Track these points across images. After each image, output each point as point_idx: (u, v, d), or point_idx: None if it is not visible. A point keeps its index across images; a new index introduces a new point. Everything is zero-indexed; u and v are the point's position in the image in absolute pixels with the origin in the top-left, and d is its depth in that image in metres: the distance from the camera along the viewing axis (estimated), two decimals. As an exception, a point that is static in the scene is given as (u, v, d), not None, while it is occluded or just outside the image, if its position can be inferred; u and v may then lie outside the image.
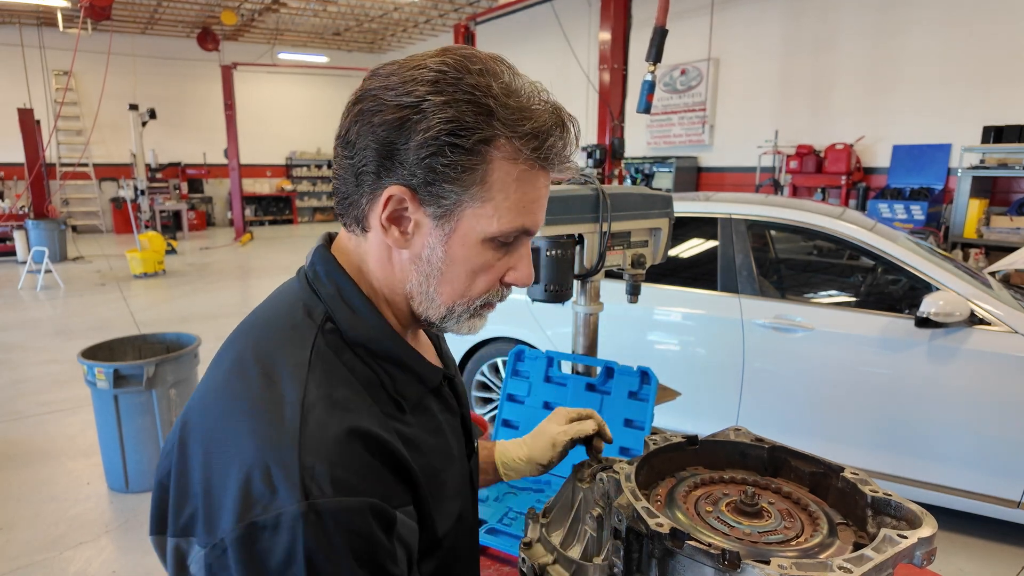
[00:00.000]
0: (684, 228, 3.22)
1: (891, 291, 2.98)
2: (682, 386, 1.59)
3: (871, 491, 0.72)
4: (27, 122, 9.92)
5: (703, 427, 2.82)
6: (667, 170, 8.73)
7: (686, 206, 3.20)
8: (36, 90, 11.96)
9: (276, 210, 15.28)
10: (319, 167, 15.71)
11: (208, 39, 12.71)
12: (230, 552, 0.54)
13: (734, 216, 3.08)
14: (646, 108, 4.82)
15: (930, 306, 2.49)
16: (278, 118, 15.10)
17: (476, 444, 0.87)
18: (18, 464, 3.38)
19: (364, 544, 0.56)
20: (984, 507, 2.59)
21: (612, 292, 1.71)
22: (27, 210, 10.12)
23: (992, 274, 3.63)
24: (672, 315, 3.15)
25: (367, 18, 12.40)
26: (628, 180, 8.50)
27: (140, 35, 13.26)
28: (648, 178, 8.84)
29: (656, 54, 4.46)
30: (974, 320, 2.53)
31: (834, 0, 7.33)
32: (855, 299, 3.14)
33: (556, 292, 1.30)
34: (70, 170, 12.43)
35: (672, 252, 3.25)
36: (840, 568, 0.59)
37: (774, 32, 7.96)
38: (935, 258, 2.83)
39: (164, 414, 3.01)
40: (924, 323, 2.53)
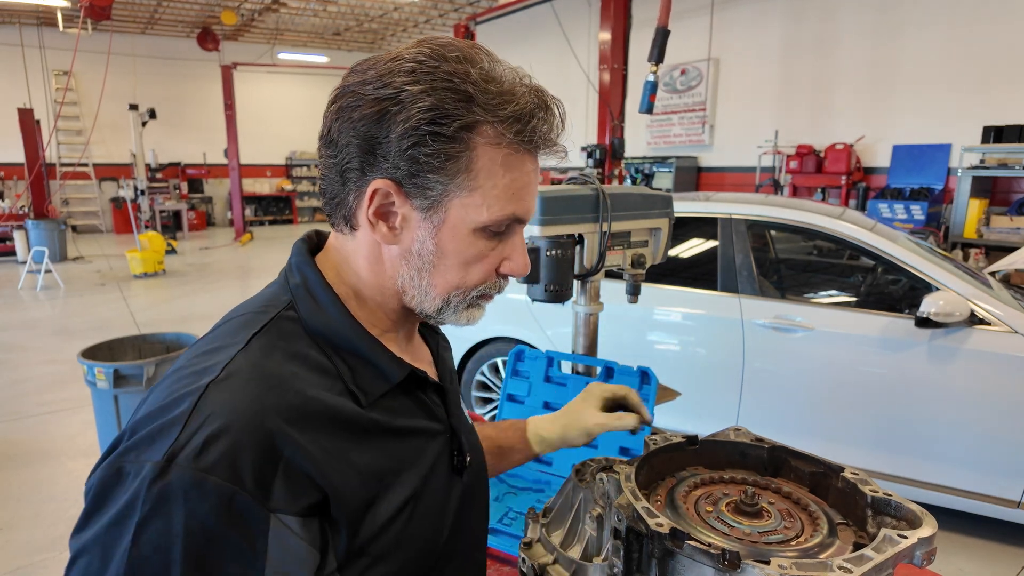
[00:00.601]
0: (684, 228, 3.22)
1: (891, 291, 2.98)
2: (682, 386, 1.59)
3: (871, 491, 0.72)
4: (27, 122, 9.92)
5: (703, 427, 2.82)
6: (667, 170, 8.73)
7: (686, 206, 3.20)
8: (36, 90, 11.95)
9: (276, 210, 15.28)
10: (319, 167, 15.70)
11: (208, 39, 12.71)
12: (94, 485, 0.56)
13: (734, 216, 3.08)
14: (648, 108, 4.82)
15: (930, 306, 2.49)
16: (278, 118, 15.09)
17: (471, 460, 0.80)
18: (18, 464, 3.37)
19: (201, 531, 0.52)
20: (984, 507, 2.59)
21: (612, 292, 1.71)
22: (27, 210, 10.12)
23: (992, 274, 3.63)
24: (672, 315, 3.15)
25: (367, 18, 12.40)
26: (628, 180, 8.50)
27: (140, 35, 13.26)
28: (648, 178, 8.84)
29: (658, 55, 4.46)
30: (974, 320, 2.53)
31: (834, 0, 7.33)
32: (855, 299, 3.14)
33: (556, 292, 1.30)
34: (70, 170, 12.42)
35: (672, 252, 3.25)
36: (840, 568, 0.59)
37: (774, 32, 7.95)
38: (935, 258, 2.83)
39: (164, 414, 3.00)
40: (924, 323, 2.53)
